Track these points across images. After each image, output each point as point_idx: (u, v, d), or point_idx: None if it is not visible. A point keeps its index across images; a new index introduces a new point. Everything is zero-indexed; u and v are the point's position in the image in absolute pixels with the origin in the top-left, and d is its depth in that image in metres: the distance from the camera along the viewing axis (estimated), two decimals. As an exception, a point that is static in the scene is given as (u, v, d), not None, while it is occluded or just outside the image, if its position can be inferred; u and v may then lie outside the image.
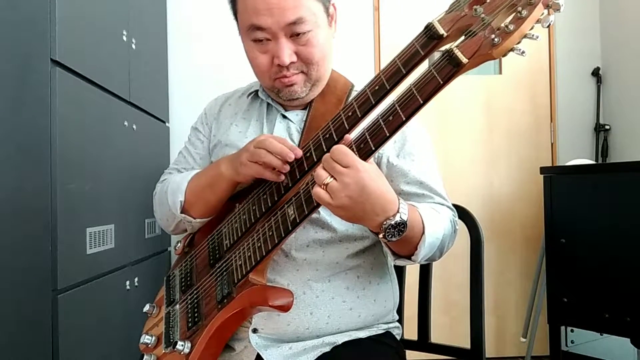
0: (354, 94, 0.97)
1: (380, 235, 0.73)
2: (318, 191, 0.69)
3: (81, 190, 1.39)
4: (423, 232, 0.78)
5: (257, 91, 1.03)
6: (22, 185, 1.20)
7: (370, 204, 0.69)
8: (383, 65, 2.49)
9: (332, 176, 0.68)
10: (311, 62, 0.90)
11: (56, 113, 1.25)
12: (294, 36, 0.87)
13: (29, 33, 1.23)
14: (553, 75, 2.58)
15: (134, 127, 1.81)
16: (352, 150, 0.69)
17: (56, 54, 1.25)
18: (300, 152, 0.81)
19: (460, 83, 0.67)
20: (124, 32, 1.74)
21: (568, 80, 2.58)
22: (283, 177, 0.82)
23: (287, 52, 0.87)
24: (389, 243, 0.77)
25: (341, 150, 0.68)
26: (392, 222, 0.71)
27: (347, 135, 0.73)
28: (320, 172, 0.69)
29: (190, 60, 2.45)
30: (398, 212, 0.71)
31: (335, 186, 0.67)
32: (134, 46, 1.83)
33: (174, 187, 0.97)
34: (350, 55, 2.41)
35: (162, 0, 2.34)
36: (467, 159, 2.56)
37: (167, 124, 2.33)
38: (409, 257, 0.82)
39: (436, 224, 0.82)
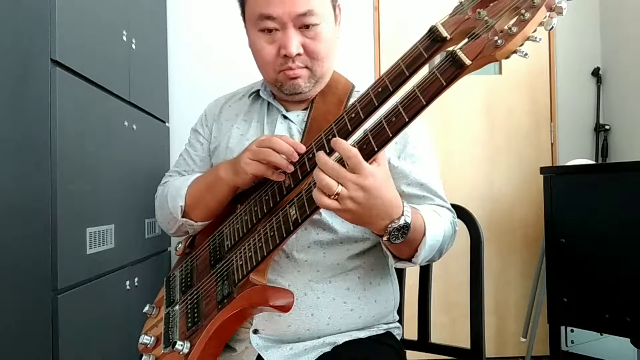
0: (355, 94, 0.97)
1: (384, 238, 0.73)
2: (325, 200, 0.66)
3: (81, 190, 1.39)
4: (424, 235, 0.78)
5: (258, 91, 1.03)
6: (22, 185, 1.20)
7: (376, 209, 0.69)
8: (383, 65, 2.52)
9: (339, 183, 0.66)
10: (316, 57, 0.90)
11: (56, 113, 1.25)
12: (303, 28, 0.87)
13: (29, 33, 1.22)
14: (553, 75, 2.58)
15: (134, 127, 1.80)
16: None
17: (56, 54, 1.25)
18: (303, 148, 0.81)
19: (460, 83, 0.67)
20: (124, 32, 1.74)
21: (568, 80, 2.58)
22: (284, 176, 0.81)
23: (295, 42, 0.87)
24: (391, 246, 0.77)
25: (353, 155, 0.66)
26: (396, 226, 0.71)
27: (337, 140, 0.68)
28: (329, 182, 0.66)
29: (190, 60, 2.45)
30: (402, 215, 0.71)
31: (343, 193, 0.66)
32: (134, 46, 1.82)
33: (174, 192, 0.97)
34: (350, 56, 2.40)
35: (162, 0, 2.34)
36: (467, 159, 2.56)
37: (167, 124, 2.32)
38: (409, 260, 0.82)
39: (437, 226, 0.82)
